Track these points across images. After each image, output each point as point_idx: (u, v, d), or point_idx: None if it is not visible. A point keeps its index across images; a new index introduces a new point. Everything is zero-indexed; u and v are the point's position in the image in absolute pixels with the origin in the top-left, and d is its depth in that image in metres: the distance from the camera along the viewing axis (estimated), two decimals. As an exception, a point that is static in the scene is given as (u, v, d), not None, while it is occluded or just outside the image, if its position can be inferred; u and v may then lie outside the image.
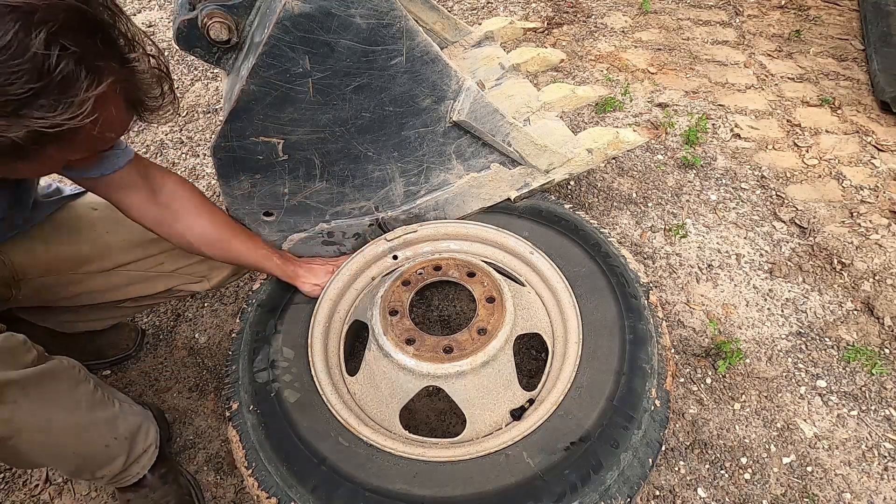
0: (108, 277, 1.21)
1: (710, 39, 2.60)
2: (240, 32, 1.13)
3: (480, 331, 1.14)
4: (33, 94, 0.66)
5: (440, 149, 1.29)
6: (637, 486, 0.99)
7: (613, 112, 2.21)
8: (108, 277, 1.21)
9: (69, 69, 0.67)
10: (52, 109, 0.68)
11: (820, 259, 1.68)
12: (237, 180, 1.19)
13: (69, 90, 0.69)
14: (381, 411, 1.14)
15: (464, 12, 2.82)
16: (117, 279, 1.22)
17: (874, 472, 1.27)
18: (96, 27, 0.72)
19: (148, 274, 1.24)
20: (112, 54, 0.75)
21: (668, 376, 1.12)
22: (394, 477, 0.99)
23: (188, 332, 1.58)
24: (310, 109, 1.11)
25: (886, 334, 1.50)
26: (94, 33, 0.71)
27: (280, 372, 1.15)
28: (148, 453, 1.13)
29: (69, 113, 0.69)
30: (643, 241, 1.75)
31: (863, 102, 2.22)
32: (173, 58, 2.63)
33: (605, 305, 1.20)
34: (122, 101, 0.80)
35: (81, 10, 0.70)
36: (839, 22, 2.69)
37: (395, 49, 1.08)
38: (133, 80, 0.79)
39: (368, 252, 1.36)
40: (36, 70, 0.65)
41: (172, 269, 1.25)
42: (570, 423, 1.03)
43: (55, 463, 1.03)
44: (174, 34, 1.11)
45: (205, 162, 2.09)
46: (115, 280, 1.22)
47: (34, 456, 0.94)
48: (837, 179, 1.93)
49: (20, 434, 0.87)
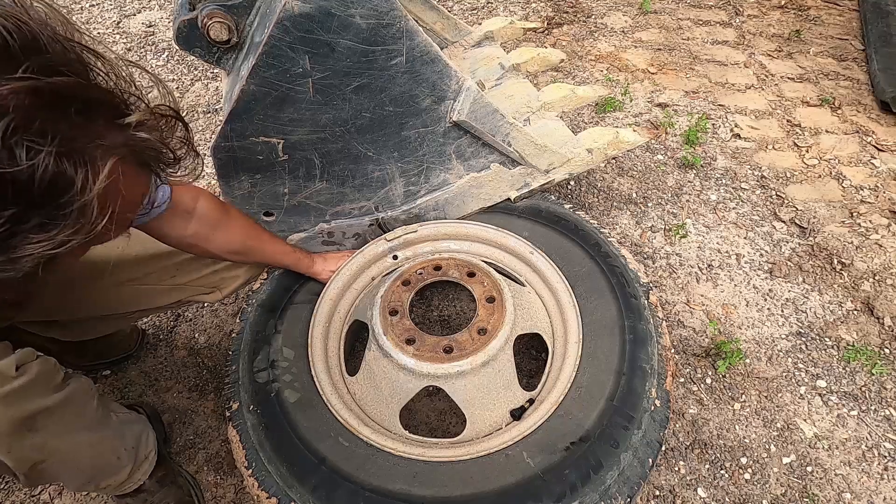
0: (120, 291, 1.17)
1: (710, 39, 2.60)
2: (240, 32, 1.13)
3: (480, 331, 1.14)
4: (17, 220, 0.51)
5: (440, 149, 1.29)
6: (637, 486, 0.99)
7: (613, 112, 2.21)
8: (120, 291, 1.17)
9: (51, 171, 0.50)
10: (50, 228, 0.53)
11: (820, 259, 1.68)
12: (237, 180, 1.19)
13: (62, 196, 0.52)
14: (381, 411, 1.14)
15: (464, 12, 2.82)
16: (129, 293, 1.18)
17: (874, 472, 1.27)
18: (70, 98, 0.53)
19: (160, 287, 1.20)
20: (104, 125, 0.56)
21: (668, 376, 1.12)
22: (394, 477, 0.99)
23: (188, 332, 1.58)
24: (310, 109, 1.11)
25: (886, 334, 1.50)
26: (68, 108, 0.52)
27: (280, 372, 1.15)
28: (149, 459, 1.12)
29: (74, 223, 0.53)
30: (643, 241, 1.75)
31: (863, 102, 2.22)
32: (173, 58, 2.63)
33: (605, 305, 1.20)
34: (134, 168, 0.62)
35: (39, 88, 0.50)
36: (839, 22, 2.69)
37: (395, 49, 1.08)
38: (140, 143, 0.60)
39: (368, 252, 1.36)
40: (6, 189, 0.49)
41: (185, 281, 1.22)
42: (570, 423, 1.03)
43: (69, 479, 0.99)
44: (174, 34, 1.11)
45: (205, 162, 2.09)
46: (126, 294, 1.18)
47: (55, 475, 0.92)
48: (837, 179, 1.93)
49: (51, 457, 0.85)
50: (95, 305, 1.18)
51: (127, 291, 1.18)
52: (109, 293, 1.16)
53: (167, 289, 1.21)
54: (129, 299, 1.20)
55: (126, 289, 1.17)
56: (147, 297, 1.21)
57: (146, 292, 1.20)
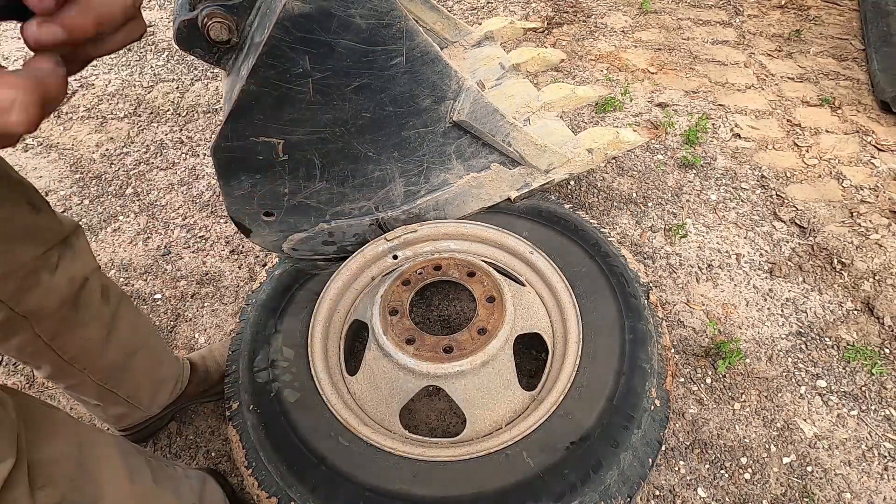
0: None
1: (710, 39, 2.60)
2: (240, 32, 1.13)
3: (480, 330, 1.14)
4: None
5: (440, 149, 1.29)
6: (637, 486, 0.99)
7: (613, 112, 2.21)
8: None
9: None
10: None
11: (820, 259, 1.68)
12: (237, 180, 1.19)
13: None
14: (381, 411, 1.14)
15: (464, 12, 2.82)
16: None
17: (874, 471, 1.27)
18: None
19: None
20: None
21: (668, 376, 1.12)
22: (394, 477, 0.99)
23: (188, 332, 1.58)
24: (310, 110, 1.11)
25: (886, 334, 1.50)
26: None
27: (280, 372, 1.15)
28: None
29: None
30: (643, 241, 1.75)
31: (863, 102, 2.22)
32: (173, 58, 2.63)
33: (605, 305, 1.20)
34: None
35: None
36: (839, 22, 2.69)
37: (395, 49, 1.08)
38: None
39: (368, 252, 1.36)
40: None
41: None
42: (570, 422, 1.03)
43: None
44: (174, 34, 1.11)
45: (205, 162, 2.09)
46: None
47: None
48: (837, 179, 1.93)
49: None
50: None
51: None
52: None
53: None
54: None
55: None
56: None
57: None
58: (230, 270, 1.72)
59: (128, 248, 1.81)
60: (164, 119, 2.31)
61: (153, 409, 1.25)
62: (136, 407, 1.21)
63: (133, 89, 2.47)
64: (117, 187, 2.02)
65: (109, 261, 1.77)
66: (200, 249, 1.80)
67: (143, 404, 1.22)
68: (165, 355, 1.25)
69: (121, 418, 1.23)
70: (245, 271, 1.72)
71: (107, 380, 1.11)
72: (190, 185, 2.01)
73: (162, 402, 1.26)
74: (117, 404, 1.18)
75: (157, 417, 1.29)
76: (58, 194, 2.01)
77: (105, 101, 2.42)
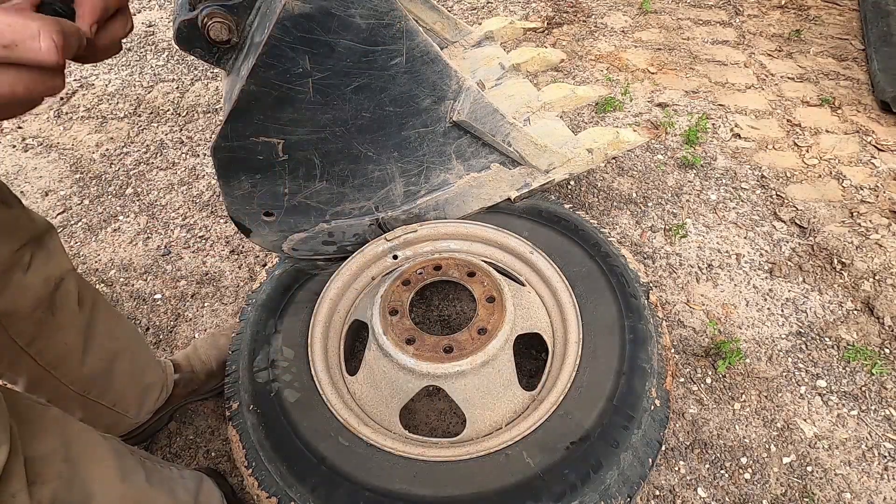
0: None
1: (710, 39, 2.60)
2: (240, 32, 1.13)
3: (480, 330, 1.14)
4: None
5: (440, 149, 1.29)
6: (637, 486, 0.99)
7: (613, 112, 2.21)
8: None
9: None
10: None
11: (820, 259, 1.68)
12: (237, 180, 1.19)
13: None
14: (381, 411, 1.14)
15: (464, 12, 2.82)
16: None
17: (874, 472, 1.27)
18: None
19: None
20: None
21: (668, 376, 1.12)
22: (394, 476, 0.99)
23: (188, 332, 1.58)
24: (310, 109, 1.11)
25: (886, 334, 1.50)
26: None
27: (280, 372, 1.15)
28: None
29: None
30: (643, 241, 1.75)
31: (863, 102, 2.22)
32: (173, 58, 2.63)
33: (605, 305, 1.20)
34: None
35: None
36: (839, 22, 2.69)
37: (395, 49, 1.08)
38: None
39: (368, 252, 1.36)
40: None
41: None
42: (570, 422, 1.03)
43: None
44: (174, 34, 1.11)
45: (205, 162, 2.09)
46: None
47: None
48: (837, 179, 1.93)
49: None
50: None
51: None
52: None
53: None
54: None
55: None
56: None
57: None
58: (230, 270, 1.72)
59: (128, 248, 1.82)
60: (164, 119, 2.31)
61: (142, 417, 1.22)
62: (124, 415, 1.17)
63: (133, 89, 2.47)
64: (117, 187, 2.02)
65: (109, 261, 1.77)
66: (200, 249, 1.80)
67: (130, 412, 1.18)
68: (149, 359, 1.21)
69: (109, 429, 1.17)
70: (245, 271, 1.72)
71: (89, 389, 1.07)
72: (190, 185, 2.01)
73: (150, 408, 1.23)
74: (103, 415, 1.13)
75: (149, 423, 1.27)
76: (58, 194, 2.01)
77: (105, 101, 2.42)
